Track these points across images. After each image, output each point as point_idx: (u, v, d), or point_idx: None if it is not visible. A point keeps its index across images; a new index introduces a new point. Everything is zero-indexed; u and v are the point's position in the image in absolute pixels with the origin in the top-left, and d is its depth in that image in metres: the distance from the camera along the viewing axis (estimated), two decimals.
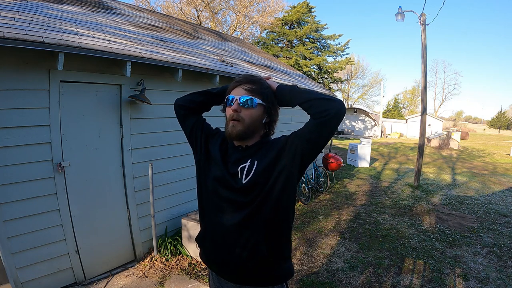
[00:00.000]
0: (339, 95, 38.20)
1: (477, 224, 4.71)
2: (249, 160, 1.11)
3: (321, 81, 24.41)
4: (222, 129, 1.28)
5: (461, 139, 22.55)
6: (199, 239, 1.26)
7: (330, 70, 24.11)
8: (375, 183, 7.53)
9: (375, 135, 25.59)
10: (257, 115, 1.11)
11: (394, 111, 41.25)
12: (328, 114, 1.00)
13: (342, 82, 30.18)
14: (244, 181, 1.08)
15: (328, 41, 25.17)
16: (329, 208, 5.42)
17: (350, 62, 25.70)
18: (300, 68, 22.53)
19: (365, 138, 12.38)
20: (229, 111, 1.11)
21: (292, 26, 24.37)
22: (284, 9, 24.03)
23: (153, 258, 3.21)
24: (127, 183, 3.11)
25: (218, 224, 1.13)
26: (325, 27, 24.36)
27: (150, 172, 3.18)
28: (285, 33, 23.68)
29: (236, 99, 1.09)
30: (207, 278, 2.88)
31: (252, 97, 1.09)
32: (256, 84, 1.11)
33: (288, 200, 1.11)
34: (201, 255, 1.27)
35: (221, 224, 1.12)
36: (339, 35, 24.61)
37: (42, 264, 2.50)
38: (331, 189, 6.74)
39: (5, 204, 2.28)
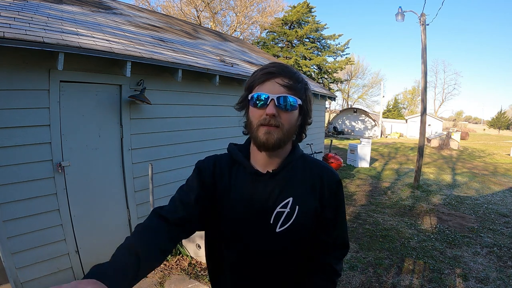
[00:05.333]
0: (339, 95, 38.22)
1: (477, 224, 4.71)
2: (290, 201, 0.88)
3: (321, 81, 24.40)
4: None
5: (461, 139, 22.53)
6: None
7: (330, 70, 24.10)
8: (375, 183, 7.53)
9: (375, 135, 25.57)
10: (295, 118, 0.87)
11: (394, 111, 41.21)
12: None
13: (342, 82, 30.16)
14: (278, 230, 0.87)
15: (328, 41, 25.17)
16: None
17: (350, 62, 25.68)
18: (300, 68, 22.52)
19: (365, 138, 12.37)
20: (258, 113, 0.83)
21: (292, 26, 24.36)
22: (284, 9, 24.05)
23: None
24: (127, 183, 3.11)
25: (244, 277, 0.93)
26: (325, 27, 24.35)
27: (150, 172, 3.18)
28: (285, 33, 23.66)
29: (273, 100, 0.81)
30: (207, 278, 2.88)
31: (293, 96, 0.83)
32: (292, 79, 0.85)
33: (314, 231, 0.95)
34: None
35: (246, 277, 0.93)
36: (339, 35, 24.60)
37: (42, 264, 2.50)
38: None
39: (5, 204, 2.28)
